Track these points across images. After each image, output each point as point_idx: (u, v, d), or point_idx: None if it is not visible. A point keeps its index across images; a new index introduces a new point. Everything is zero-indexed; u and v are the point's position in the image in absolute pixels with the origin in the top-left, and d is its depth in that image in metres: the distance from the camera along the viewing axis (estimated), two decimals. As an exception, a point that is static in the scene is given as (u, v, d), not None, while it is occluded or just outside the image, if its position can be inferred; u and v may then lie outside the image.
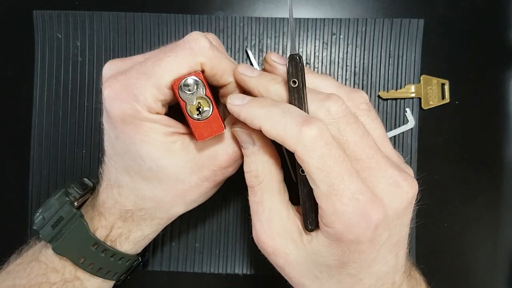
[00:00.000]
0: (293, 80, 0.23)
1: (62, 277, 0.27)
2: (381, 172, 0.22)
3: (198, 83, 0.23)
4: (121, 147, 0.25)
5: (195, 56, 0.24)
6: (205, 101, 0.24)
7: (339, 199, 0.21)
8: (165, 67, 0.23)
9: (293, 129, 0.21)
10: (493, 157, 0.37)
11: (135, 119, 0.24)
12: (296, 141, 0.21)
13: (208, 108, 0.24)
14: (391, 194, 0.22)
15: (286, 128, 0.22)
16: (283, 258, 0.24)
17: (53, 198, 0.28)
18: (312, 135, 0.21)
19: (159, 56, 0.24)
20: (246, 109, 0.23)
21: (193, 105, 0.24)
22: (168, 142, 0.25)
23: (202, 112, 0.24)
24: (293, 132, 0.21)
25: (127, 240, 0.28)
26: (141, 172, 0.25)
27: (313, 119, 0.21)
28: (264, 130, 0.23)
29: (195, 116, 0.24)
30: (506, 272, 0.36)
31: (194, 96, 0.24)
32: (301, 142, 0.21)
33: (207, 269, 0.36)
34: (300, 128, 0.21)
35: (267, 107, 0.23)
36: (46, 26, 0.36)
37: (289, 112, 0.22)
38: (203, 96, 0.24)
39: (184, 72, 0.23)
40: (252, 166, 0.25)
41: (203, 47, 0.24)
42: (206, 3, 0.37)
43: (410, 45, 0.36)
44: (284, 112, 0.22)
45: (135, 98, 0.23)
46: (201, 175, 0.26)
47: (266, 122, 0.22)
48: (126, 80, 0.24)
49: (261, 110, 0.23)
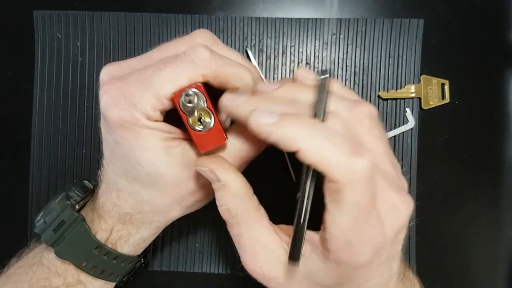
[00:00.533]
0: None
1: (64, 281, 0.27)
2: (383, 197, 0.22)
3: (199, 95, 0.23)
4: (120, 152, 0.25)
5: (196, 68, 0.23)
6: (206, 112, 0.24)
7: (355, 232, 0.20)
8: (164, 78, 0.23)
9: (341, 157, 0.19)
10: (493, 157, 0.37)
11: (133, 126, 0.24)
12: (344, 171, 0.19)
13: (210, 120, 0.24)
14: (391, 218, 0.22)
15: (332, 154, 0.19)
16: (274, 282, 0.24)
17: (54, 201, 0.28)
18: (363, 168, 0.19)
19: (158, 66, 0.23)
20: (281, 129, 0.21)
21: (195, 117, 0.23)
22: (166, 147, 0.25)
23: (203, 124, 0.24)
24: (341, 160, 0.19)
25: (127, 243, 0.28)
26: (139, 177, 0.25)
27: (363, 149, 0.20)
28: (303, 154, 0.20)
29: (196, 128, 0.24)
30: (506, 272, 0.36)
31: (195, 108, 0.23)
32: (350, 174, 0.19)
33: (207, 269, 0.36)
34: (349, 157, 0.19)
35: (308, 126, 0.20)
36: (46, 26, 0.36)
37: (336, 136, 0.20)
38: (205, 108, 0.23)
39: (185, 84, 0.23)
40: (222, 201, 0.24)
41: (204, 58, 0.23)
42: (206, 3, 0.37)
43: (410, 45, 0.36)
44: (330, 135, 0.20)
45: (133, 106, 0.23)
46: (198, 182, 0.26)
47: (309, 145, 0.20)
48: (124, 87, 0.23)
49: (301, 130, 0.20)
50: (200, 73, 0.23)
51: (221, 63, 0.24)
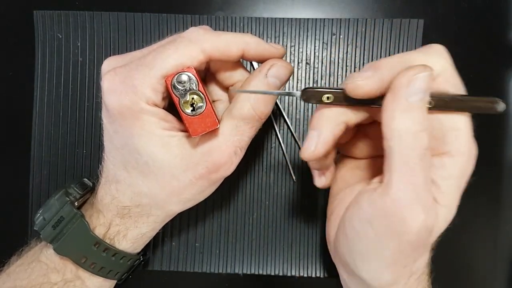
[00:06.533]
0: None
1: (63, 277, 0.27)
2: None
3: (191, 79, 0.24)
4: (119, 141, 0.25)
5: (194, 45, 0.24)
6: (198, 96, 0.24)
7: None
8: (166, 58, 0.24)
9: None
10: (493, 157, 0.37)
11: (133, 112, 0.24)
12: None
13: (202, 104, 0.24)
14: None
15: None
16: None
17: (53, 198, 0.28)
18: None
19: (158, 50, 0.24)
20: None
21: (187, 100, 0.24)
22: (165, 136, 0.25)
23: (195, 108, 0.24)
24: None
25: (125, 238, 0.28)
26: (138, 167, 0.25)
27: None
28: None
29: (188, 112, 0.24)
30: (506, 272, 0.36)
31: (187, 92, 0.24)
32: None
33: (207, 269, 0.36)
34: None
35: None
36: (46, 26, 0.36)
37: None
38: (197, 92, 0.24)
39: (186, 62, 0.24)
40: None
41: (200, 34, 0.24)
42: (206, 3, 0.37)
43: (410, 45, 0.36)
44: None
45: (133, 88, 0.24)
46: (196, 173, 0.26)
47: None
48: (125, 72, 0.24)
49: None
50: (199, 49, 0.24)
51: (216, 34, 0.25)
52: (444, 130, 0.22)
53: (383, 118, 0.21)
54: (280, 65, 0.26)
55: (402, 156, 0.21)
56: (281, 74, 0.26)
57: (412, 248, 0.22)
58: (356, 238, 0.24)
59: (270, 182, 0.36)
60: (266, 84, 0.25)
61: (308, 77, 0.36)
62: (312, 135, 0.23)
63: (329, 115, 0.23)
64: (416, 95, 0.21)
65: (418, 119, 0.21)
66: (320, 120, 0.24)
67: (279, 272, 0.36)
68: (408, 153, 0.21)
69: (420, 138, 0.21)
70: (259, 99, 0.25)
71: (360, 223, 0.23)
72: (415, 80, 0.21)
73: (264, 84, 0.25)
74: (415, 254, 0.23)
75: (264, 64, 0.26)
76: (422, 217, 0.21)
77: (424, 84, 0.21)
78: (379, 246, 0.23)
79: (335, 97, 0.23)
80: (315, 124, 0.24)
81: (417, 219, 0.21)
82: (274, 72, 0.26)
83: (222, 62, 0.27)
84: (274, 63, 0.26)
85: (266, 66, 0.26)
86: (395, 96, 0.21)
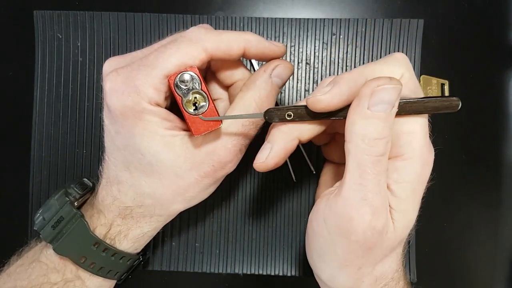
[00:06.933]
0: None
1: (63, 277, 0.27)
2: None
3: (194, 78, 0.24)
4: (121, 142, 0.25)
5: (196, 44, 0.24)
6: (201, 96, 0.24)
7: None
8: (168, 58, 0.24)
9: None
10: (493, 157, 0.37)
11: (134, 112, 0.24)
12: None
13: (204, 103, 0.24)
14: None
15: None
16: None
17: (53, 198, 0.28)
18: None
19: (160, 49, 0.24)
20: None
21: (189, 100, 0.24)
22: (167, 136, 0.25)
23: (198, 107, 0.24)
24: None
25: (126, 238, 0.28)
26: (141, 167, 0.25)
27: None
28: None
29: (191, 111, 0.24)
30: (506, 272, 0.36)
31: (190, 91, 0.24)
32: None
33: (207, 269, 0.36)
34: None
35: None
36: (46, 26, 0.36)
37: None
38: (199, 91, 0.24)
39: (188, 61, 0.24)
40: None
41: (201, 33, 0.24)
42: (206, 3, 0.37)
43: (410, 45, 0.36)
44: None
45: (135, 88, 0.24)
46: (200, 171, 0.26)
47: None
48: (127, 72, 0.24)
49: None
50: (201, 48, 0.24)
51: (217, 33, 0.25)
52: (399, 133, 0.23)
53: (346, 121, 0.22)
54: (284, 66, 0.27)
55: (356, 159, 0.22)
56: (284, 74, 0.27)
57: (362, 249, 0.23)
58: (314, 238, 0.25)
59: (270, 183, 0.36)
60: (270, 84, 0.26)
61: (308, 77, 0.36)
62: (266, 147, 0.24)
63: (284, 131, 0.24)
64: (378, 105, 0.21)
65: (377, 127, 0.21)
66: (274, 134, 0.25)
67: (279, 272, 0.36)
68: (362, 157, 0.22)
69: (376, 145, 0.21)
70: (263, 97, 0.26)
71: (316, 223, 0.24)
72: (379, 91, 0.21)
73: (269, 83, 0.26)
74: (369, 256, 0.23)
75: (268, 64, 0.27)
76: (368, 217, 0.22)
77: (388, 96, 0.21)
78: (331, 245, 0.24)
79: (296, 114, 0.24)
80: (270, 137, 0.25)
81: (362, 219, 0.22)
82: (278, 72, 0.27)
83: (223, 61, 0.27)
84: (278, 63, 0.27)
85: (271, 66, 0.26)
86: (359, 103, 0.22)
